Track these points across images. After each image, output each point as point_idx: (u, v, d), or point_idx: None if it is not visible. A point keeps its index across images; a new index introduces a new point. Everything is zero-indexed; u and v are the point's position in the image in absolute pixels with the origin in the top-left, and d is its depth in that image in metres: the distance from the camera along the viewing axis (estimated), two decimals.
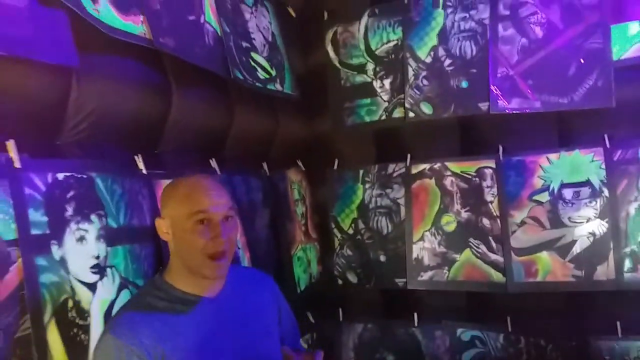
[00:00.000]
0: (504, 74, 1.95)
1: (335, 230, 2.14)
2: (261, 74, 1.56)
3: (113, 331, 0.92)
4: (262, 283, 1.20)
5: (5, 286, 0.79)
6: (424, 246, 2.05)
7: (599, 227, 1.84)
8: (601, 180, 1.83)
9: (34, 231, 0.83)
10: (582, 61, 1.84)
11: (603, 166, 1.83)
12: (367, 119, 2.12)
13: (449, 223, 2.03)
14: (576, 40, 1.85)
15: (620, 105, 1.76)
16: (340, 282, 2.14)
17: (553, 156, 1.92)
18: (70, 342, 0.87)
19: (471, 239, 2.00)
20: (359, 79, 2.14)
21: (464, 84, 2.00)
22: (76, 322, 0.89)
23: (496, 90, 1.94)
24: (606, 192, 1.82)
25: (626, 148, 1.81)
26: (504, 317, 1.98)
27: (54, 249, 0.87)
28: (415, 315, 2.08)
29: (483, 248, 1.99)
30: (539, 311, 1.97)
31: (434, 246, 2.04)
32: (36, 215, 0.84)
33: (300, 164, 1.98)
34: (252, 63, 1.52)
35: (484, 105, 1.95)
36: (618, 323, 1.82)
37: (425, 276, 2.02)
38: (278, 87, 1.66)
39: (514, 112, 1.92)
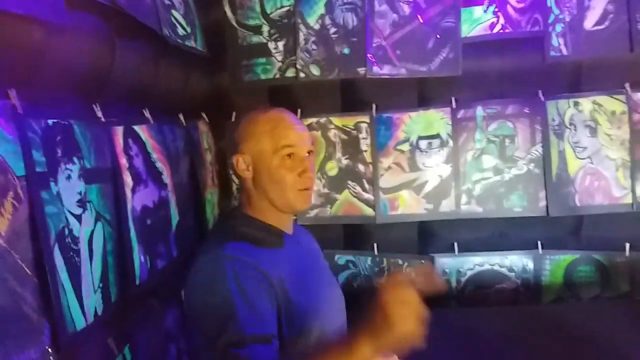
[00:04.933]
0: (378, 44, 2.29)
1: (233, 177, 2.36)
2: (180, 31, 1.69)
3: (227, 250, 0.91)
4: (309, 234, 1.25)
5: (21, 214, 0.91)
6: None
7: (445, 170, 2.31)
8: (448, 134, 2.29)
9: (38, 169, 0.95)
10: (438, 37, 2.25)
11: (449, 122, 2.29)
12: (263, 76, 2.33)
13: (332, 169, 2.38)
14: (435, 19, 2.24)
15: (465, 74, 2.19)
16: None
17: (413, 114, 2.33)
18: (69, 262, 1.01)
19: (349, 181, 2.37)
20: (255, 39, 2.33)
21: (346, 51, 2.30)
22: (71, 247, 1.03)
23: (372, 58, 2.28)
24: (451, 143, 2.29)
25: (467, 108, 2.28)
26: (371, 243, 2.41)
27: (52, 185, 0.99)
28: None
29: (358, 189, 2.38)
30: (398, 237, 2.43)
31: (319, 188, 2.37)
32: (37, 155, 0.95)
33: (204, 116, 2.14)
34: (173, 20, 1.64)
35: (362, 70, 2.28)
36: (455, 243, 2.35)
37: (312, 213, 2.35)
38: (193, 43, 1.80)
39: (385, 76, 2.28)
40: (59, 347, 0.95)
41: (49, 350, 0.92)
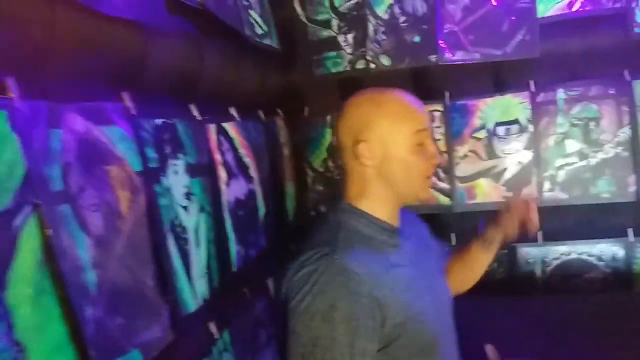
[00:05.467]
0: (449, 30, 2.30)
1: (308, 170, 2.46)
2: (258, 30, 1.78)
3: (343, 256, 0.86)
4: (414, 216, 1.17)
5: (139, 206, 1.03)
6: None
7: (525, 156, 2.29)
8: (527, 119, 2.27)
9: (151, 165, 1.07)
10: (513, 18, 2.23)
11: (529, 107, 2.26)
12: (334, 70, 2.40)
13: None
14: (508, 1, 2.24)
15: (543, 56, 2.15)
16: (313, 213, 2.47)
17: (489, 100, 2.31)
18: (181, 250, 1.13)
19: None
20: (325, 33, 2.40)
21: (417, 39, 2.33)
22: (182, 236, 1.14)
23: (443, 44, 2.30)
24: (531, 128, 2.26)
25: (547, 91, 2.24)
26: (449, 233, 2.42)
27: (163, 179, 1.11)
28: None
29: (434, 178, 2.40)
30: (477, 226, 2.44)
31: None
32: (150, 152, 1.07)
33: (279, 111, 2.24)
34: (251, 20, 1.74)
35: (433, 57, 2.30)
36: (539, 232, 2.33)
37: None
38: (269, 42, 1.90)
39: (458, 62, 2.29)
40: (177, 327, 1.07)
41: (170, 330, 1.04)
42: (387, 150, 0.95)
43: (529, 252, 2.33)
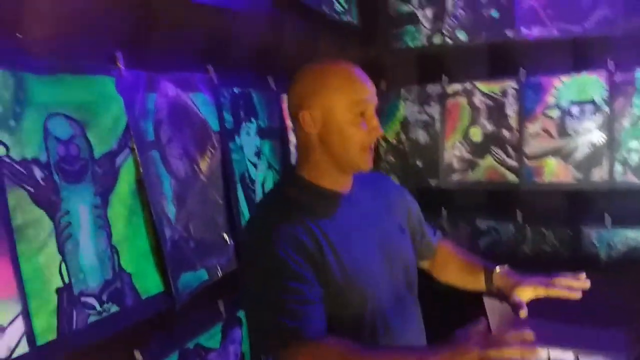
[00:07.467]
0: (527, 6, 2.28)
1: (381, 141, 2.59)
2: (337, 7, 1.92)
3: (272, 222, 0.93)
4: (385, 182, 1.19)
5: (216, 159, 1.25)
6: (454, 153, 2.50)
7: (598, 137, 2.25)
8: (603, 99, 2.22)
9: (227, 126, 1.28)
10: None
11: (605, 87, 2.21)
12: (411, 44, 2.48)
13: (476, 134, 2.47)
14: None
15: (624, 34, 2.08)
16: None
17: (565, 78, 2.27)
18: (248, 198, 1.35)
19: (493, 147, 2.43)
20: (405, 8, 2.48)
21: (494, 14, 2.34)
22: (250, 186, 1.36)
23: (521, 19, 2.29)
24: (606, 109, 2.21)
25: (625, 71, 2.15)
26: (514, 210, 2.43)
27: (237, 138, 1.32)
28: (444, 209, 2.51)
29: (502, 155, 2.43)
30: (543, 205, 2.43)
31: (463, 153, 2.48)
32: (227, 116, 1.29)
33: None
34: None
35: (510, 33, 2.30)
36: (607, 215, 2.27)
37: (455, 178, 2.47)
38: (349, 18, 2.03)
39: (535, 38, 2.28)
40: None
41: (234, 260, 1.26)
42: (328, 119, 0.97)
43: (595, 235, 2.31)
